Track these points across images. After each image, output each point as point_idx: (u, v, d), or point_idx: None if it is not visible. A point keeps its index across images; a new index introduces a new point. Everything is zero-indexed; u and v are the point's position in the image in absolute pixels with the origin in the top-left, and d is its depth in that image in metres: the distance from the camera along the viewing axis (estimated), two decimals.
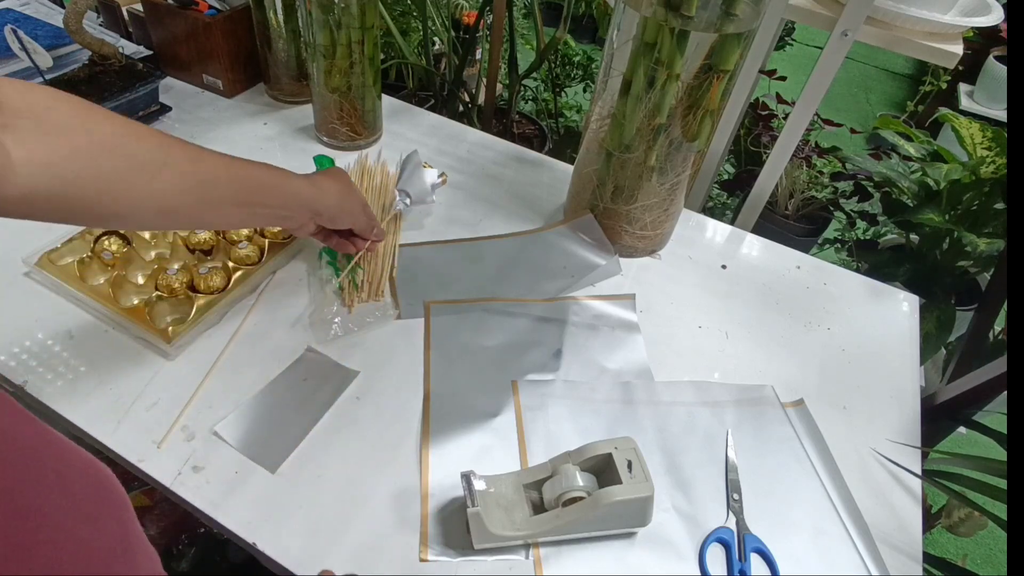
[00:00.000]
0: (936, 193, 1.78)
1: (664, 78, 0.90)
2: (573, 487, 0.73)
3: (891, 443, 0.93)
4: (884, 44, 1.25)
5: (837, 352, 1.05)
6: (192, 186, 0.71)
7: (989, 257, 1.75)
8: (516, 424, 0.89)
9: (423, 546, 0.76)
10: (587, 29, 3.90)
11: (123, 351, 0.91)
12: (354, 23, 1.12)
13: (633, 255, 1.15)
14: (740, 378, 0.99)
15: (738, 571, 0.77)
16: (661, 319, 1.06)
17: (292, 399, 0.88)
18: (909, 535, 0.84)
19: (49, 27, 1.34)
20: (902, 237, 2.00)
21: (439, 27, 2.12)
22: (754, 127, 2.02)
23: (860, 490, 0.87)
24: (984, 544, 2.01)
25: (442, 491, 0.81)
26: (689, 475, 0.86)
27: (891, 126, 1.98)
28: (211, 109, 1.36)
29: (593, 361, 0.98)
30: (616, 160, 1.02)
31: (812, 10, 1.26)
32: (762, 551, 0.79)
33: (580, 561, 0.76)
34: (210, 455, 0.81)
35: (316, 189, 0.87)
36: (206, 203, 0.74)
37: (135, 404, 0.85)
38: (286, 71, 1.36)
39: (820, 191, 2.00)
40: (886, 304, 1.15)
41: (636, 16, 0.89)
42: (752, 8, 0.89)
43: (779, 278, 1.16)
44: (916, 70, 4.40)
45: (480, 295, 1.05)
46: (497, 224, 1.18)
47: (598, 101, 1.03)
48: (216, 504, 0.77)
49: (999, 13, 1.28)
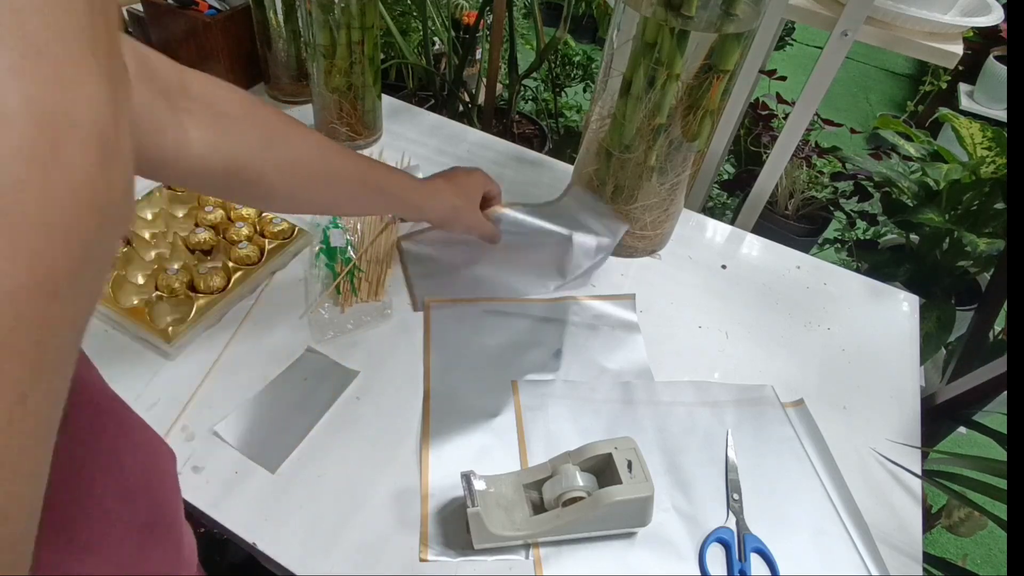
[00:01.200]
0: (936, 193, 1.78)
1: (664, 78, 0.90)
2: (573, 487, 0.73)
3: (891, 443, 0.93)
4: (884, 44, 1.25)
5: (837, 352, 1.05)
6: (338, 183, 0.80)
7: (989, 257, 1.75)
8: (516, 424, 0.89)
9: (423, 546, 0.76)
10: (587, 29, 3.90)
11: (123, 351, 0.91)
12: (354, 23, 1.12)
13: (633, 255, 1.15)
14: (740, 378, 0.99)
15: (738, 571, 0.77)
16: (661, 319, 1.06)
17: (292, 399, 0.88)
18: (909, 535, 0.84)
19: None
20: (902, 237, 2.00)
21: (439, 27, 2.12)
22: (754, 127, 2.02)
23: (860, 490, 0.87)
24: (984, 544, 2.01)
25: (442, 491, 0.81)
26: (689, 475, 0.86)
27: (891, 126, 1.98)
28: None
29: (593, 361, 0.98)
30: (616, 160, 1.02)
31: (812, 10, 1.26)
32: (762, 551, 0.79)
33: (580, 561, 0.77)
34: (210, 455, 0.81)
35: (429, 199, 0.92)
36: (343, 197, 0.83)
37: (135, 404, 0.84)
38: (286, 71, 1.36)
39: (820, 191, 2.00)
40: (886, 304, 1.15)
41: (636, 16, 0.89)
42: (752, 8, 0.89)
43: (779, 278, 1.16)
44: (916, 70, 4.39)
45: (484, 290, 1.05)
46: None
47: (598, 101, 1.03)
48: (216, 504, 0.77)
49: (999, 13, 1.28)
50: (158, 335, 0.90)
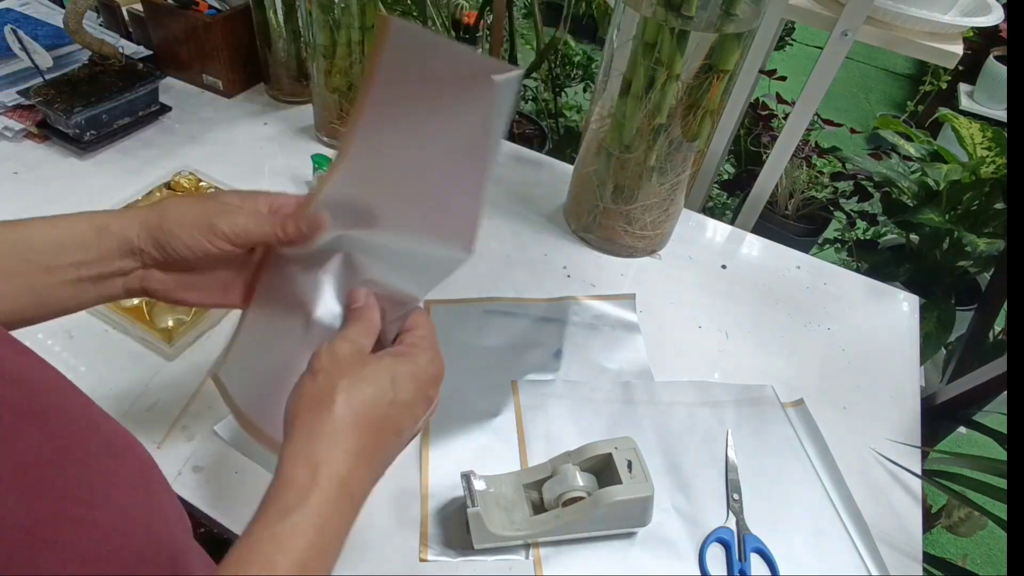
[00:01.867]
0: (936, 193, 1.78)
1: (664, 78, 0.90)
2: (573, 487, 0.73)
3: (891, 443, 0.93)
4: (884, 44, 1.25)
5: (837, 352, 1.05)
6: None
7: (989, 257, 1.75)
8: (516, 424, 0.89)
9: (423, 546, 0.76)
10: (587, 29, 3.88)
11: (123, 351, 0.91)
12: (354, 23, 1.12)
13: (633, 255, 1.15)
14: (740, 378, 0.99)
15: (738, 571, 0.77)
16: (661, 319, 1.06)
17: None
18: (909, 535, 0.84)
19: (49, 27, 1.34)
20: (902, 237, 2.00)
21: (439, 27, 2.12)
22: (754, 127, 2.02)
23: (860, 490, 0.87)
24: (984, 544, 2.01)
25: (442, 491, 0.81)
26: (689, 475, 0.86)
27: (891, 126, 1.98)
28: (211, 109, 1.36)
29: (593, 361, 0.98)
30: (616, 160, 1.02)
31: (812, 10, 1.26)
32: (762, 551, 0.79)
33: (580, 561, 0.77)
34: (210, 455, 0.81)
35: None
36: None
37: (135, 404, 0.85)
38: (286, 71, 1.36)
39: (820, 191, 2.00)
40: (886, 304, 1.15)
41: (636, 16, 0.89)
42: (752, 8, 0.89)
43: (779, 278, 1.16)
44: (916, 70, 4.39)
45: (480, 295, 1.05)
46: (497, 224, 1.18)
47: (598, 101, 1.03)
48: (216, 504, 0.77)
49: (999, 13, 1.28)
50: (159, 336, 0.90)
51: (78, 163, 1.19)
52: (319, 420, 0.52)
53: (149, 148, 1.25)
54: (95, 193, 1.12)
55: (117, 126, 1.23)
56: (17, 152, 1.20)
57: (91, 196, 1.12)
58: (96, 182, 1.16)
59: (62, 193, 1.13)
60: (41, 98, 1.16)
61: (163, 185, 1.12)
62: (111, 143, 1.24)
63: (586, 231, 1.15)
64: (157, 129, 1.30)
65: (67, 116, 1.14)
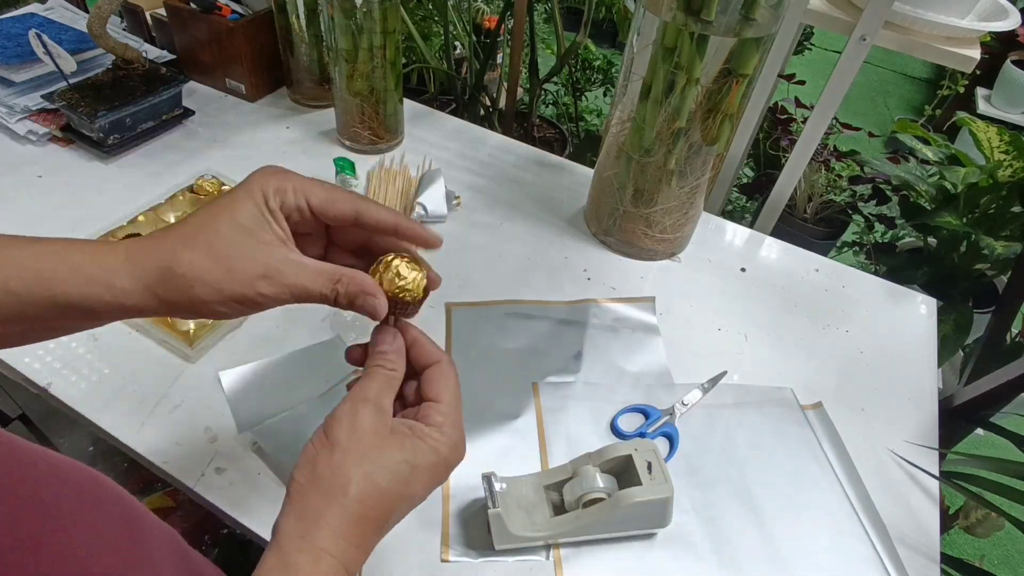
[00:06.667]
0: (954, 196, 1.78)
1: (684, 82, 0.91)
2: (593, 488, 0.74)
3: (909, 444, 0.93)
4: (902, 48, 1.25)
5: (855, 354, 1.05)
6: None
7: (1006, 260, 1.74)
8: (537, 426, 0.90)
9: (444, 547, 0.77)
10: (607, 34, 3.91)
11: (146, 353, 0.92)
12: (376, 28, 1.13)
13: (653, 258, 1.15)
14: (759, 380, 0.99)
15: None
16: (680, 321, 1.06)
17: (314, 398, 0.89)
18: (927, 536, 0.84)
19: (73, 31, 1.36)
20: (920, 240, 2.00)
21: (460, 32, 2.14)
22: (773, 131, 2.02)
23: (878, 491, 0.87)
24: (1001, 545, 2.01)
25: (463, 492, 0.81)
26: (709, 476, 0.87)
27: (909, 130, 1.98)
28: (234, 113, 1.38)
29: (613, 363, 0.99)
30: (636, 164, 1.03)
31: (830, 15, 1.26)
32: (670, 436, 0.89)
33: (600, 562, 0.77)
34: (233, 456, 0.82)
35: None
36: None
37: (158, 406, 0.86)
38: (308, 75, 1.37)
39: (838, 195, 2.00)
40: (904, 307, 1.15)
41: (656, 21, 0.90)
42: (771, 13, 0.90)
43: (798, 281, 1.16)
44: (934, 74, 4.38)
45: (501, 297, 1.06)
46: (518, 227, 1.19)
47: (618, 105, 1.03)
48: (239, 505, 0.78)
49: (1016, 18, 1.28)
50: (180, 338, 0.91)
51: (102, 167, 1.21)
52: (328, 507, 0.50)
53: (172, 152, 1.26)
54: (119, 196, 1.14)
55: (141, 130, 1.25)
56: (41, 156, 1.21)
57: (115, 199, 1.13)
58: (120, 185, 1.17)
59: (86, 197, 1.14)
60: (65, 102, 1.17)
61: (186, 188, 1.13)
62: (135, 147, 1.25)
63: (606, 234, 1.16)
64: (180, 133, 1.31)
65: (91, 120, 1.15)
